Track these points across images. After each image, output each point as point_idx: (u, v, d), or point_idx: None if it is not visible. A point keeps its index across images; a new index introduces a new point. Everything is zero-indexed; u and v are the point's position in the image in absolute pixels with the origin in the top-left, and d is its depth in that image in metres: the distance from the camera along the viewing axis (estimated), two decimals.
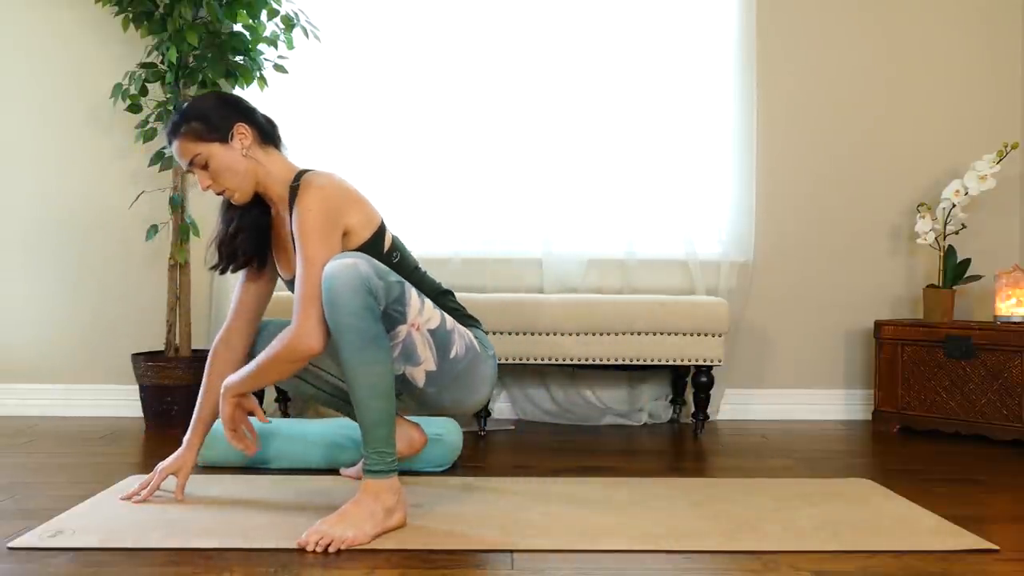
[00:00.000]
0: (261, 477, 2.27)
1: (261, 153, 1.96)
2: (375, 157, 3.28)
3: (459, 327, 1.98)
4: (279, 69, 3.09)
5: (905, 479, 2.37)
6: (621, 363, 2.93)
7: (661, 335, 2.92)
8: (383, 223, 1.98)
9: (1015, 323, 2.98)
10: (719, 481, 2.28)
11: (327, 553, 1.68)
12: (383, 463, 1.79)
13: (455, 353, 1.93)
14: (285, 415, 3.05)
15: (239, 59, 3.05)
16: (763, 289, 3.38)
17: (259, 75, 3.08)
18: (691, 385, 3.02)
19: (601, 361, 2.93)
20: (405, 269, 2.00)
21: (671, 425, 3.20)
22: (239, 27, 3.06)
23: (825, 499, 2.10)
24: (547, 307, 2.90)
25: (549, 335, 2.91)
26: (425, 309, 1.89)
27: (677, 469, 2.48)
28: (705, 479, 2.31)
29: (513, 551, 1.71)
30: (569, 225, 3.28)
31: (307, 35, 3.11)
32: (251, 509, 1.96)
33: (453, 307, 2.05)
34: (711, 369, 2.97)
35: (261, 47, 3.09)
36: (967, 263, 3.19)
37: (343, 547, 1.70)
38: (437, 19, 3.29)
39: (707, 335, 2.93)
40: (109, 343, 3.30)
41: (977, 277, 3.22)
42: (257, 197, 2.01)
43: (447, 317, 1.95)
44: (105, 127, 3.30)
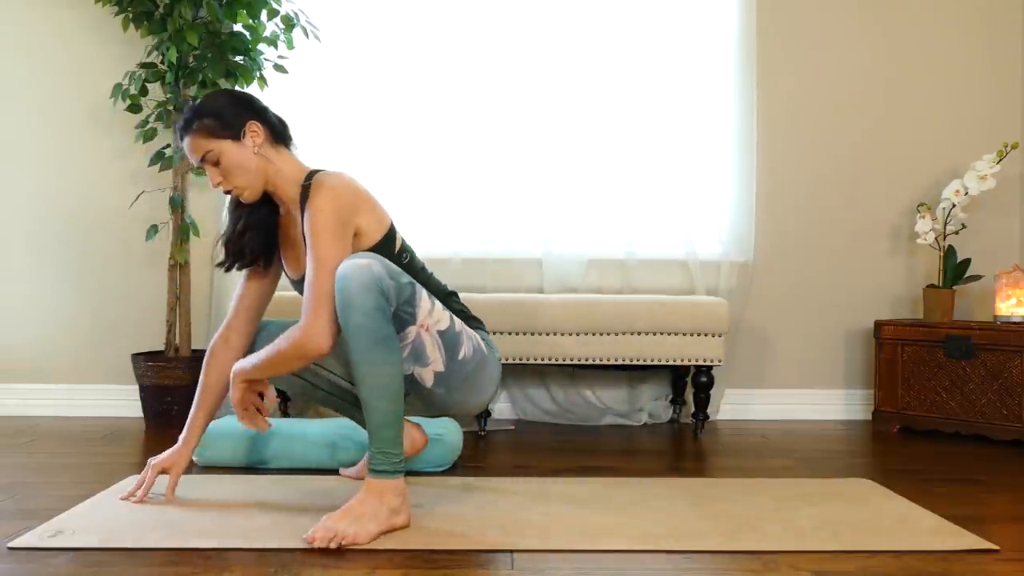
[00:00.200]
0: (261, 477, 2.27)
1: (272, 152, 1.97)
2: (375, 157, 3.28)
3: (467, 329, 1.99)
4: (279, 69, 3.09)
5: (905, 479, 2.37)
6: (621, 363, 2.93)
7: (661, 335, 2.92)
8: (393, 224, 1.99)
9: (1015, 323, 2.98)
10: (719, 481, 2.28)
11: (328, 550, 1.68)
12: (388, 464, 1.79)
13: (463, 354, 1.94)
14: (285, 415, 3.05)
15: (239, 59, 3.05)
16: (763, 289, 3.38)
17: (259, 75, 3.08)
18: (691, 385, 3.02)
19: (601, 361, 2.93)
20: (413, 270, 2.01)
21: (671, 425, 3.20)
22: (239, 27, 3.06)
23: (825, 499, 2.10)
24: (547, 307, 2.90)
25: (549, 335, 2.91)
26: (435, 311, 1.90)
27: (677, 469, 2.48)
28: (705, 479, 2.31)
29: (513, 551, 1.71)
30: (569, 225, 3.28)
31: (307, 35, 3.11)
32: (251, 509, 1.96)
33: (458, 308, 2.06)
34: (711, 369, 2.97)
35: (261, 47, 3.09)
36: (967, 263, 3.19)
37: (345, 543, 1.70)
38: (437, 19, 3.29)
39: (707, 335, 2.93)
40: (109, 343, 3.31)
41: (977, 277, 3.22)
42: (266, 196, 2.01)
43: (455, 319, 1.96)
44: (105, 127, 3.30)
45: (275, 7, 3.08)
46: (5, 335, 3.30)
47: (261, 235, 2.03)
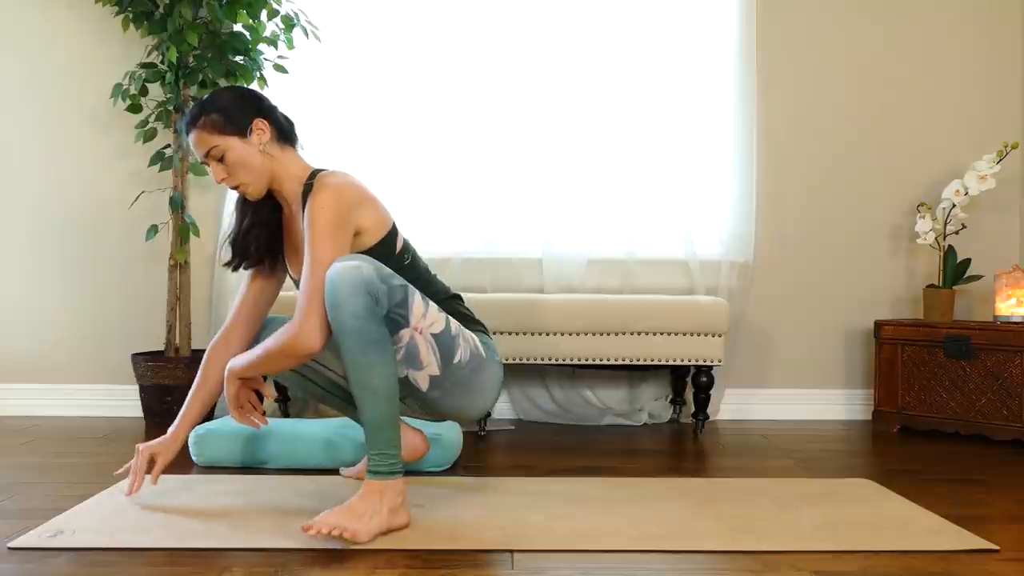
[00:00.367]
0: (261, 477, 2.27)
1: (278, 150, 1.97)
2: (375, 157, 3.28)
3: (464, 332, 1.97)
4: (279, 69, 3.09)
5: (905, 479, 2.37)
6: (621, 363, 2.93)
7: (661, 335, 2.92)
8: (395, 225, 1.99)
9: (1015, 323, 2.98)
10: (719, 481, 2.28)
11: (328, 550, 1.68)
12: (386, 465, 1.79)
13: (459, 358, 1.93)
14: (285, 415, 3.05)
15: (239, 59, 3.05)
16: (763, 289, 3.38)
17: (259, 75, 3.08)
18: (691, 385, 3.02)
19: (601, 361, 2.93)
20: (416, 271, 2.00)
21: (671, 425, 3.20)
22: (239, 27, 3.06)
23: (825, 499, 2.10)
24: (547, 307, 2.90)
25: (549, 335, 2.91)
26: (429, 313, 1.88)
27: (677, 469, 2.48)
28: (705, 479, 2.31)
29: (513, 551, 1.71)
30: (569, 225, 3.28)
31: (307, 35, 3.11)
32: (251, 509, 1.96)
33: (462, 312, 2.04)
34: (711, 369, 2.97)
35: (261, 47, 3.09)
36: (967, 263, 3.20)
37: (346, 536, 1.69)
38: (437, 19, 3.29)
39: (707, 335, 2.93)
40: (109, 343, 3.31)
41: (977, 277, 3.22)
42: (271, 195, 2.02)
43: (452, 321, 1.94)
44: (105, 127, 3.30)
45: (275, 7, 3.08)
46: (5, 335, 3.30)
47: (266, 233, 2.04)
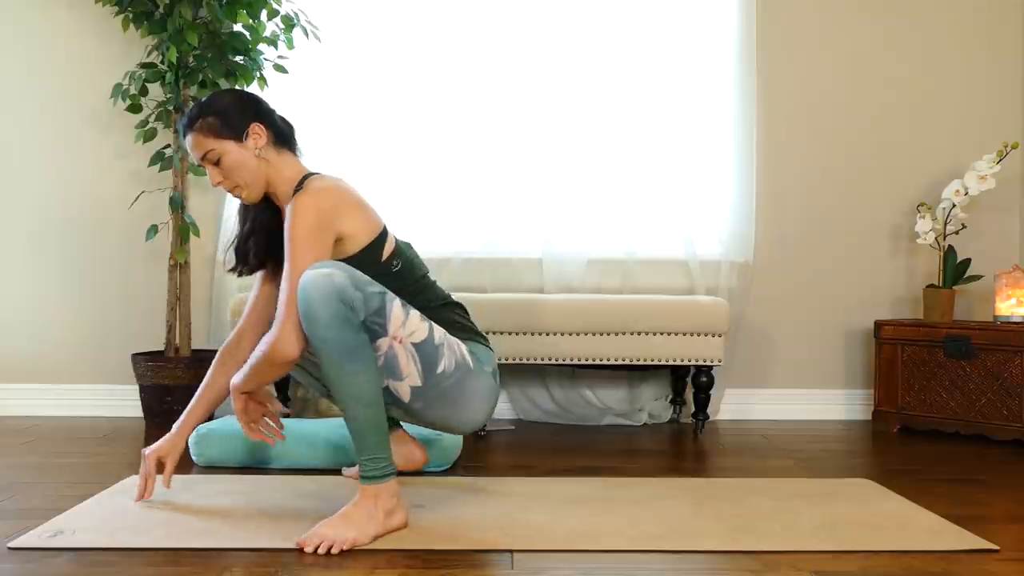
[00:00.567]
0: (261, 477, 2.27)
1: (274, 154, 1.96)
2: (375, 157, 3.28)
3: (451, 341, 1.91)
4: (279, 69, 3.09)
5: (905, 479, 2.37)
6: (621, 363, 2.93)
7: (661, 335, 2.92)
8: (385, 230, 1.96)
9: (1015, 323, 2.98)
10: (719, 481, 2.28)
11: (329, 554, 1.68)
12: (377, 469, 1.77)
13: (443, 368, 1.87)
14: (285, 416, 3.05)
15: (239, 59, 3.05)
16: (763, 289, 3.38)
17: (259, 75, 3.08)
18: (691, 385, 3.02)
19: (601, 361, 2.93)
20: (409, 277, 1.96)
21: (671, 425, 3.20)
22: (239, 27, 3.06)
23: (825, 499, 2.10)
24: (547, 307, 2.90)
25: (549, 335, 2.91)
26: (409, 321, 1.83)
27: (677, 469, 2.48)
28: (705, 479, 2.31)
29: (513, 551, 1.71)
30: (569, 225, 3.28)
31: (307, 35, 3.11)
32: (251, 509, 1.96)
33: (456, 320, 2.00)
34: (711, 369, 2.97)
35: (261, 47, 3.09)
36: (967, 263, 3.20)
37: (345, 547, 1.69)
38: (437, 19, 3.29)
39: (707, 335, 2.93)
40: (109, 343, 3.31)
41: (977, 277, 3.22)
42: (269, 199, 2.01)
43: (436, 330, 1.89)
44: (105, 127, 3.30)
45: (275, 7, 3.08)
46: (5, 335, 3.30)
47: (264, 239, 2.03)
